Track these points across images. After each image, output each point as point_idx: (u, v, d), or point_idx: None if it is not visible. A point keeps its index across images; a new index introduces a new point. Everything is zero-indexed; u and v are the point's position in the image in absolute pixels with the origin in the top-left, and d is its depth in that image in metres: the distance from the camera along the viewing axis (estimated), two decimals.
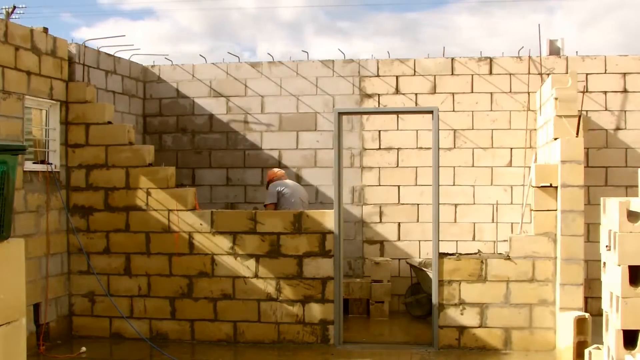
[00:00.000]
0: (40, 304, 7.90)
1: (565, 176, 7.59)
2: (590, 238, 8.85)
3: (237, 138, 10.51)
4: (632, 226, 4.87)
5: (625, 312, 4.88)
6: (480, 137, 9.94)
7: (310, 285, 8.05)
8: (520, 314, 7.77)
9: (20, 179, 7.53)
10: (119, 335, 8.40)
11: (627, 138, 9.61)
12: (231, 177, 10.54)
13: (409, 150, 10.10)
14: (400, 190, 10.11)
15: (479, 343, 7.83)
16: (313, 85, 10.34)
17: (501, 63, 9.95)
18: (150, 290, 8.35)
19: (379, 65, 10.19)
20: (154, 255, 8.33)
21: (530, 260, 7.74)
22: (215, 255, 8.20)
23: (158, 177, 8.35)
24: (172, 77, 10.68)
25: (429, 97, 10.02)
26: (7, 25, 7.50)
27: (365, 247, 10.16)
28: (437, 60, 10.11)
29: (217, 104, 10.56)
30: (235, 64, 10.56)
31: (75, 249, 8.47)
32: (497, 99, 9.93)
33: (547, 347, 7.71)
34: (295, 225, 8.07)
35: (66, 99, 8.47)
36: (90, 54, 9.18)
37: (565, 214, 7.57)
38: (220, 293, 8.21)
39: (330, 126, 9.85)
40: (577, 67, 9.46)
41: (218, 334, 8.23)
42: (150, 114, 10.74)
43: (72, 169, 8.51)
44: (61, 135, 8.41)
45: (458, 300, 7.85)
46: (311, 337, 8.06)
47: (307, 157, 10.35)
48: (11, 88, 7.47)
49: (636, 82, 9.61)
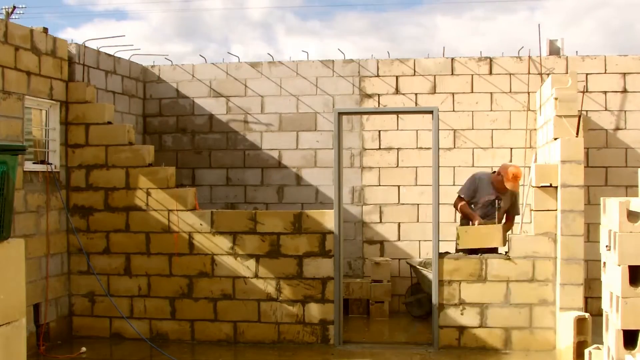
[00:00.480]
0: (40, 304, 7.90)
1: (565, 176, 7.59)
2: (590, 238, 8.85)
3: (237, 138, 10.51)
4: (632, 226, 4.87)
5: (625, 312, 4.89)
6: (480, 137, 9.94)
7: (310, 285, 8.04)
8: (520, 314, 7.77)
9: (20, 179, 7.53)
10: (119, 336, 8.40)
11: (627, 138, 9.61)
12: (231, 177, 10.54)
13: (409, 150, 10.10)
14: (400, 190, 10.11)
15: (479, 343, 7.83)
16: (313, 85, 10.34)
17: (501, 63, 9.95)
18: (150, 290, 8.35)
19: (379, 65, 10.19)
20: (154, 255, 8.33)
21: (531, 260, 7.75)
22: (215, 255, 8.20)
23: (158, 177, 8.34)
24: (172, 77, 10.68)
25: (429, 97, 10.02)
26: (7, 26, 7.50)
27: (365, 247, 10.16)
28: (437, 60, 10.11)
29: (217, 104, 10.56)
30: (235, 64, 10.56)
31: (75, 249, 8.47)
32: (497, 99, 9.93)
33: (547, 347, 7.71)
34: (295, 225, 8.07)
35: (66, 99, 8.47)
36: (90, 54, 9.18)
37: (565, 214, 7.57)
38: (220, 293, 8.21)
39: (330, 126, 9.85)
40: (577, 67, 9.46)
41: (218, 334, 8.23)
42: (150, 114, 10.74)
43: (72, 169, 8.51)
44: (61, 135, 8.41)
45: (458, 300, 7.85)
46: (311, 337, 8.06)
47: (307, 157, 10.34)
48: (11, 88, 7.47)
49: (636, 82, 9.61)
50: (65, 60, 8.46)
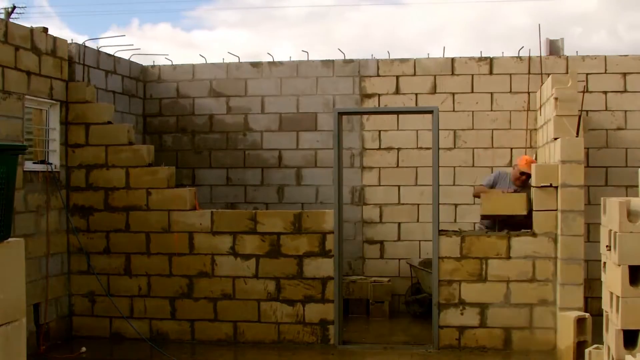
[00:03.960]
0: (40, 304, 7.90)
1: (565, 176, 7.59)
2: (591, 238, 8.85)
3: (237, 138, 10.51)
4: (633, 226, 4.87)
5: (625, 312, 4.88)
6: (481, 137, 9.94)
7: (310, 285, 8.04)
8: (520, 314, 7.77)
9: (20, 179, 7.52)
10: (119, 335, 8.40)
11: (627, 138, 9.60)
12: (231, 177, 10.53)
13: (409, 150, 10.10)
14: (401, 190, 10.11)
15: (479, 343, 7.83)
16: (313, 85, 10.33)
17: (501, 63, 9.95)
18: (150, 290, 8.35)
19: (379, 65, 10.19)
20: (154, 255, 8.33)
21: (531, 260, 7.74)
22: (215, 255, 8.20)
23: (158, 177, 8.35)
24: (172, 77, 10.68)
25: (429, 97, 10.01)
26: (7, 25, 7.50)
27: (365, 247, 10.16)
28: (437, 60, 10.10)
29: (217, 104, 10.56)
30: (236, 64, 10.56)
31: (75, 249, 8.47)
32: (497, 99, 9.93)
33: (547, 347, 7.71)
34: (295, 225, 8.07)
35: (66, 99, 8.47)
36: (90, 54, 9.18)
37: (566, 214, 7.57)
38: (221, 293, 8.21)
39: (330, 126, 9.84)
40: (577, 67, 9.45)
41: (218, 334, 8.23)
42: (150, 114, 10.74)
43: (72, 169, 8.51)
44: (61, 135, 8.41)
45: (458, 300, 7.85)
46: (311, 337, 8.06)
47: (307, 157, 10.34)
48: (11, 88, 7.47)
49: (636, 82, 9.60)
50: (65, 60, 8.46)
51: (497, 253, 7.77)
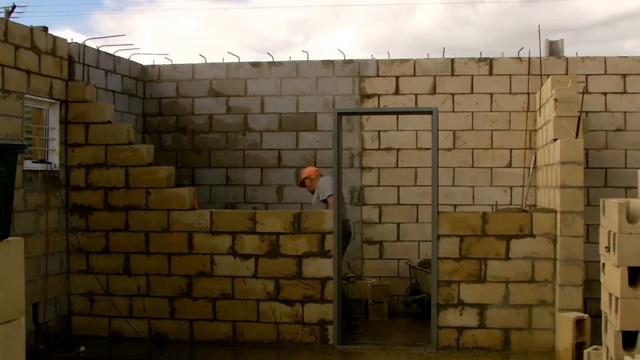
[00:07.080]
0: (40, 303, 7.89)
1: (564, 177, 7.59)
2: (590, 239, 8.85)
3: (237, 138, 10.51)
4: (632, 227, 4.88)
5: (624, 313, 4.89)
6: (480, 137, 9.94)
7: (309, 285, 8.04)
8: (519, 315, 7.77)
9: (20, 178, 7.52)
10: (118, 335, 8.40)
11: (626, 139, 9.61)
12: (231, 177, 10.53)
13: (408, 150, 10.10)
14: (400, 191, 10.11)
15: (478, 343, 7.83)
16: (313, 85, 10.33)
17: (501, 64, 9.95)
18: (149, 289, 8.35)
19: (378, 65, 10.19)
20: (153, 254, 8.33)
21: (530, 260, 7.75)
22: (215, 255, 8.20)
23: (157, 176, 8.34)
24: (171, 76, 10.68)
25: (429, 97, 10.02)
26: (7, 25, 7.50)
27: (365, 247, 10.16)
28: (437, 60, 10.11)
29: (217, 104, 10.56)
30: (236, 64, 10.56)
31: (75, 248, 8.47)
32: (497, 100, 9.94)
33: (546, 348, 7.71)
34: (295, 225, 8.07)
35: (66, 98, 8.47)
36: (90, 54, 9.18)
37: (565, 214, 7.57)
38: (220, 293, 8.21)
39: (330, 126, 9.84)
40: (577, 68, 9.46)
41: (217, 333, 8.23)
42: (150, 114, 10.74)
43: (72, 168, 8.51)
44: (61, 134, 8.41)
45: (457, 301, 7.85)
46: (310, 337, 8.06)
47: (306, 157, 10.34)
48: (11, 87, 7.47)
49: (636, 83, 9.61)
50: (65, 60, 8.46)
51: (496, 254, 7.78)
